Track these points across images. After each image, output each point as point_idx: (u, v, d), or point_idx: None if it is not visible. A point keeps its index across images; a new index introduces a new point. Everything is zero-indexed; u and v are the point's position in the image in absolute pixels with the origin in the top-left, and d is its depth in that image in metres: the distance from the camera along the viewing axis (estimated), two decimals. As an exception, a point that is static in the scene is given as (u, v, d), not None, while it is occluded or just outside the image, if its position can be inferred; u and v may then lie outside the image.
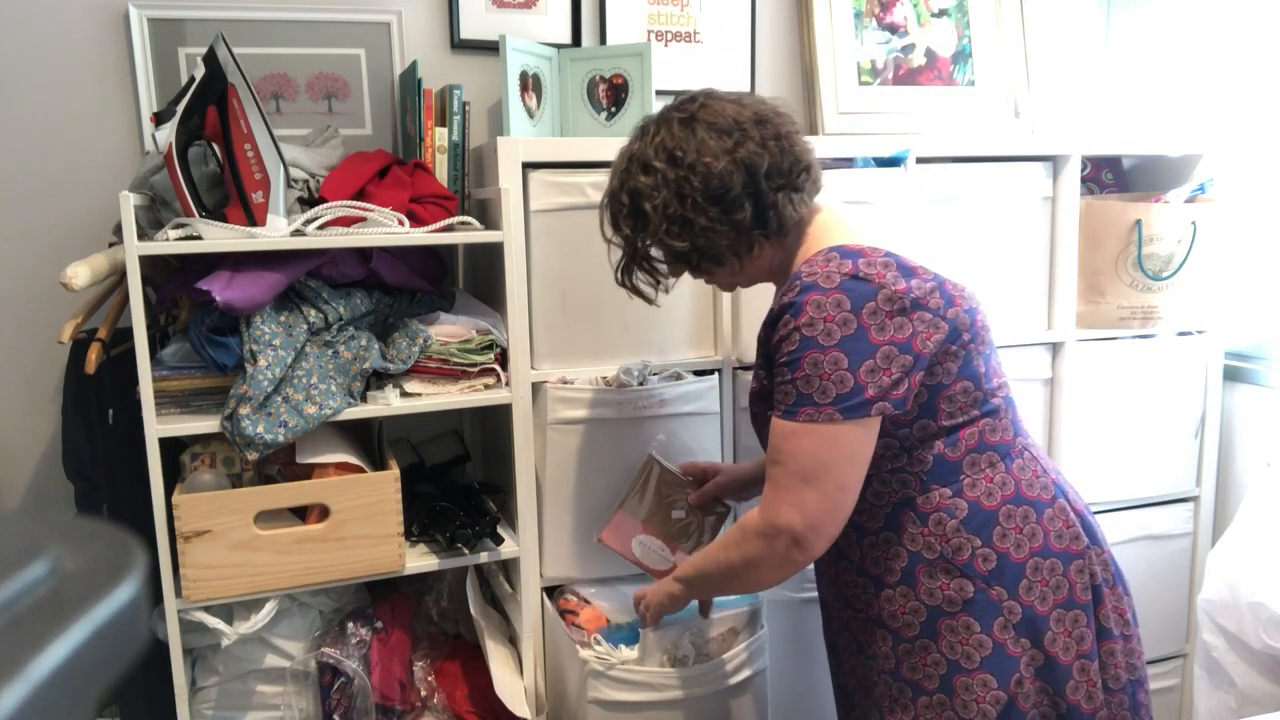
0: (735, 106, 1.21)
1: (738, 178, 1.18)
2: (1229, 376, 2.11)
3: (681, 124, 1.21)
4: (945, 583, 1.20)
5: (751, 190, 1.19)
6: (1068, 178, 1.93)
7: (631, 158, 1.25)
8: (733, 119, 1.20)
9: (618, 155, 1.29)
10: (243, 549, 1.49)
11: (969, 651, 1.20)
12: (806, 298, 1.13)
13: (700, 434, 1.72)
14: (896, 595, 1.24)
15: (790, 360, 1.14)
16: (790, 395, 1.14)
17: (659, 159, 1.21)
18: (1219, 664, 1.75)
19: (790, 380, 1.14)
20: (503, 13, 1.95)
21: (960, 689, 1.20)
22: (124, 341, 1.57)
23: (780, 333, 1.16)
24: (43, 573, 0.31)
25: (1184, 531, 2.11)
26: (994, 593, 1.19)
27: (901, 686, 1.24)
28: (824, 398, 1.11)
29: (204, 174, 1.52)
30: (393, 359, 1.58)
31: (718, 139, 1.19)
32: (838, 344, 1.11)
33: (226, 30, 1.63)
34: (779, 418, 1.16)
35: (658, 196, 1.20)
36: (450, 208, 1.68)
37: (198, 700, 1.60)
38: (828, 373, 1.11)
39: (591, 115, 1.87)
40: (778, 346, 1.16)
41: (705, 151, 1.18)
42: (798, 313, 1.13)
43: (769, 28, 2.12)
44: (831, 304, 1.12)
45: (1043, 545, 1.21)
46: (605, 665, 1.52)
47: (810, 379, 1.12)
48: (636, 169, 1.23)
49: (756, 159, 1.19)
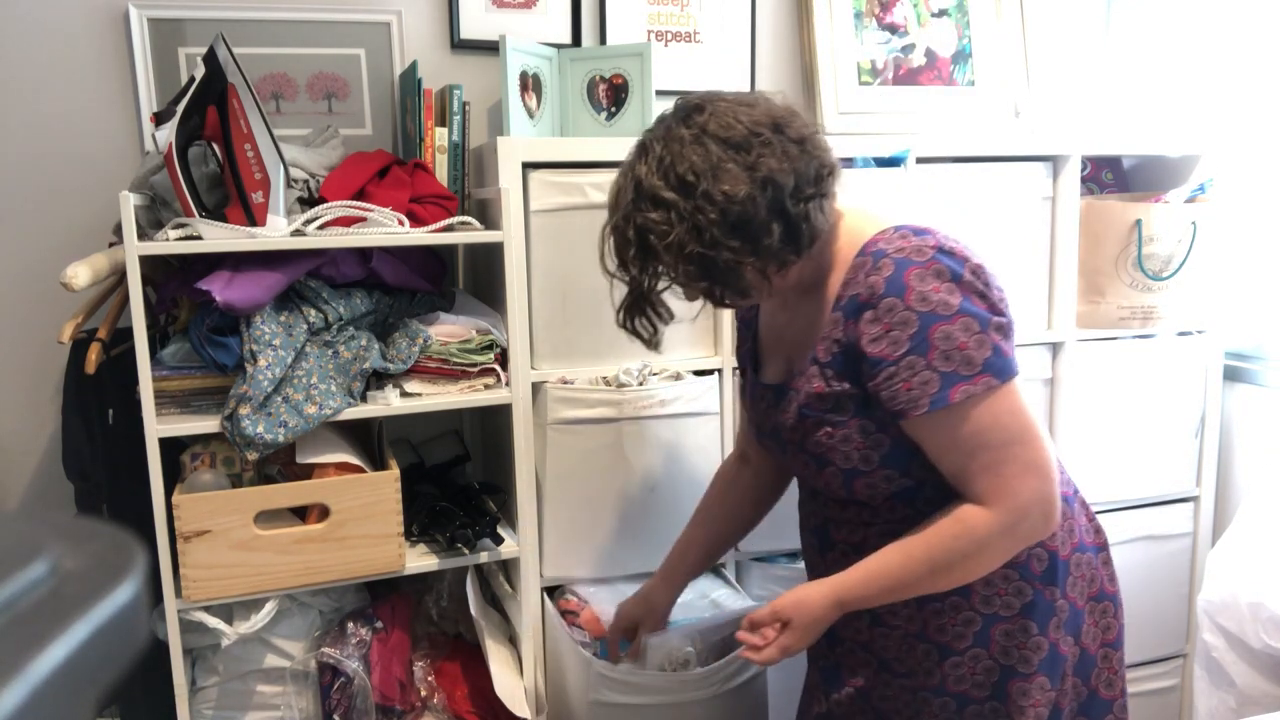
0: (747, 110, 1.06)
1: (761, 200, 1.03)
2: (1229, 376, 2.11)
3: (692, 141, 1.05)
4: (1003, 589, 1.15)
5: (779, 210, 1.05)
6: (1068, 178, 1.93)
7: (638, 187, 1.07)
8: (747, 128, 1.04)
9: (618, 176, 1.12)
10: (243, 549, 1.49)
11: (1026, 655, 1.15)
12: (907, 273, 1.03)
13: (700, 434, 1.72)
14: (946, 608, 1.16)
15: (916, 344, 1.02)
16: (932, 382, 1.02)
17: (669, 188, 1.04)
18: (1219, 664, 1.75)
19: (926, 365, 1.02)
20: (503, 13, 1.95)
21: (1016, 694, 1.15)
22: (124, 341, 1.57)
23: (887, 320, 1.04)
24: (43, 573, 0.31)
25: (1184, 531, 2.11)
26: (1049, 593, 1.16)
27: (946, 701, 1.18)
28: (971, 368, 1.02)
29: (204, 174, 1.52)
30: (393, 359, 1.58)
31: (735, 155, 1.03)
32: (959, 310, 1.02)
33: (226, 30, 1.63)
34: (927, 414, 1.03)
35: (670, 234, 1.04)
36: (450, 208, 1.68)
37: (198, 700, 1.60)
38: (963, 341, 1.02)
39: (591, 115, 1.87)
40: (887, 336, 1.04)
41: (722, 175, 1.03)
42: (903, 291, 1.03)
43: (769, 28, 2.12)
44: (933, 274, 1.03)
45: (1079, 540, 1.21)
46: (609, 669, 1.52)
47: (949, 354, 1.02)
48: (645, 203, 1.06)
49: (781, 174, 1.04)
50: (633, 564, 1.71)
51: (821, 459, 1.15)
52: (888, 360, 1.04)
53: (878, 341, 1.05)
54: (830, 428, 1.12)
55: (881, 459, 1.11)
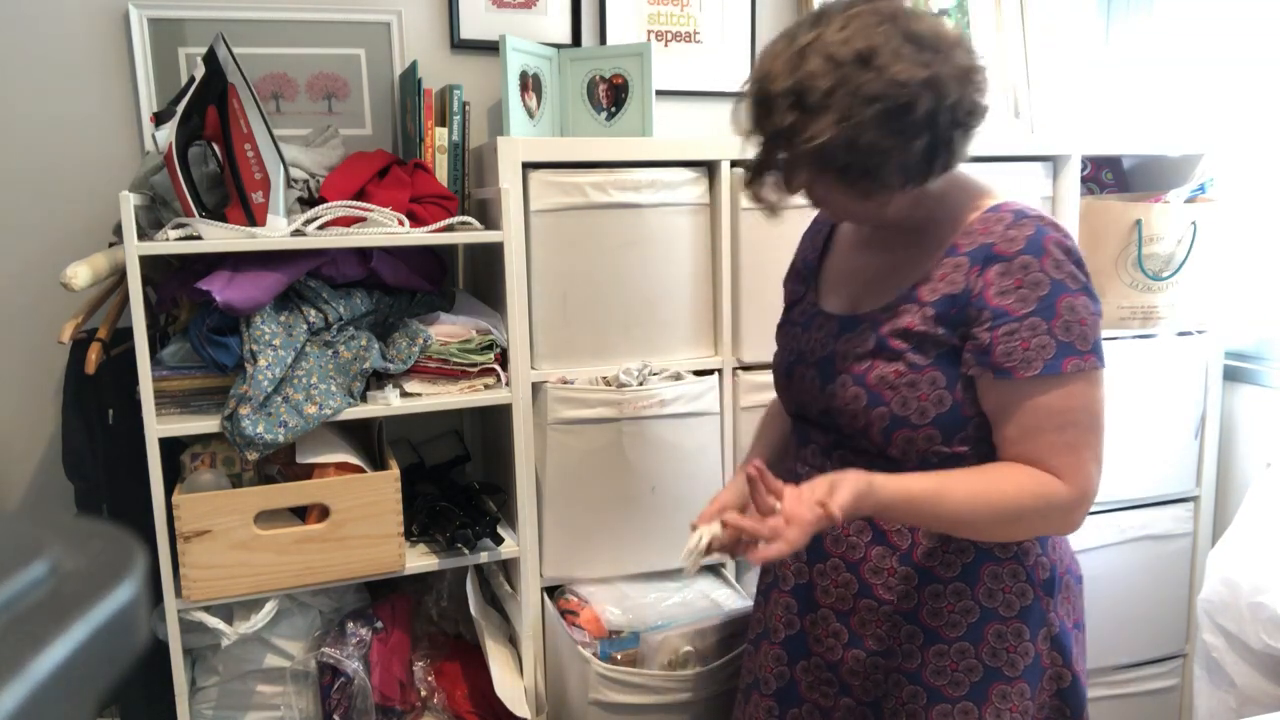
0: (935, 21, 1.07)
1: (925, 100, 1.01)
2: (1229, 376, 2.11)
3: (878, 22, 1.03)
4: (1009, 585, 1.14)
5: (932, 118, 1.03)
6: (1068, 178, 1.93)
7: (809, 45, 1.04)
8: (935, 33, 1.04)
9: (775, 41, 1.10)
10: (243, 549, 1.49)
11: (1014, 659, 1.14)
12: (1047, 239, 1.05)
13: (700, 434, 1.72)
14: (947, 592, 1.14)
15: (1043, 307, 1.04)
16: (1049, 347, 1.03)
17: (846, 55, 1.02)
18: (1219, 664, 1.75)
19: (1047, 329, 1.03)
20: (503, 13, 1.95)
21: (996, 698, 1.14)
22: (124, 341, 1.57)
23: (1019, 276, 1.04)
24: (43, 573, 0.31)
25: (1184, 531, 2.11)
26: (1044, 602, 1.16)
27: (916, 690, 1.15)
28: (1085, 345, 1.05)
29: (204, 174, 1.52)
30: (393, 359, 1.59)
31: (916, 50, 1.02)
32: (1083, 288, 1.05)
33: (226, 30, 1.63)
34: (1037, 376, 1.04)
35: (835, 94, 1.01)
36: (450, 208, 1.68)
37: (198, 700, 1.60)
38: (1085, 318, 1.04)
39: (591, 115, 1.87)
40: (1016, 291, 1.04)
41: (901, 59, 1.01)
42: (1041, 253, 1.05)
43: (769, 28, 2.12)
44: (1063, 250, 1.06)
45: (1068, 566, 1.21)
46: (609, 669, 1.52)
47: (1070, 325, 1.04)
48: (815, 58, 1.03)
49: (950, 83, 1.03)
50: (633, 564, 1.71)
51: (877, 396, 1.11)
52: (1012, 315, 1.05)
53: (1006, 294, 1.05)
54: (904, 366, 1.10)
55: (936, 418, 1.09)
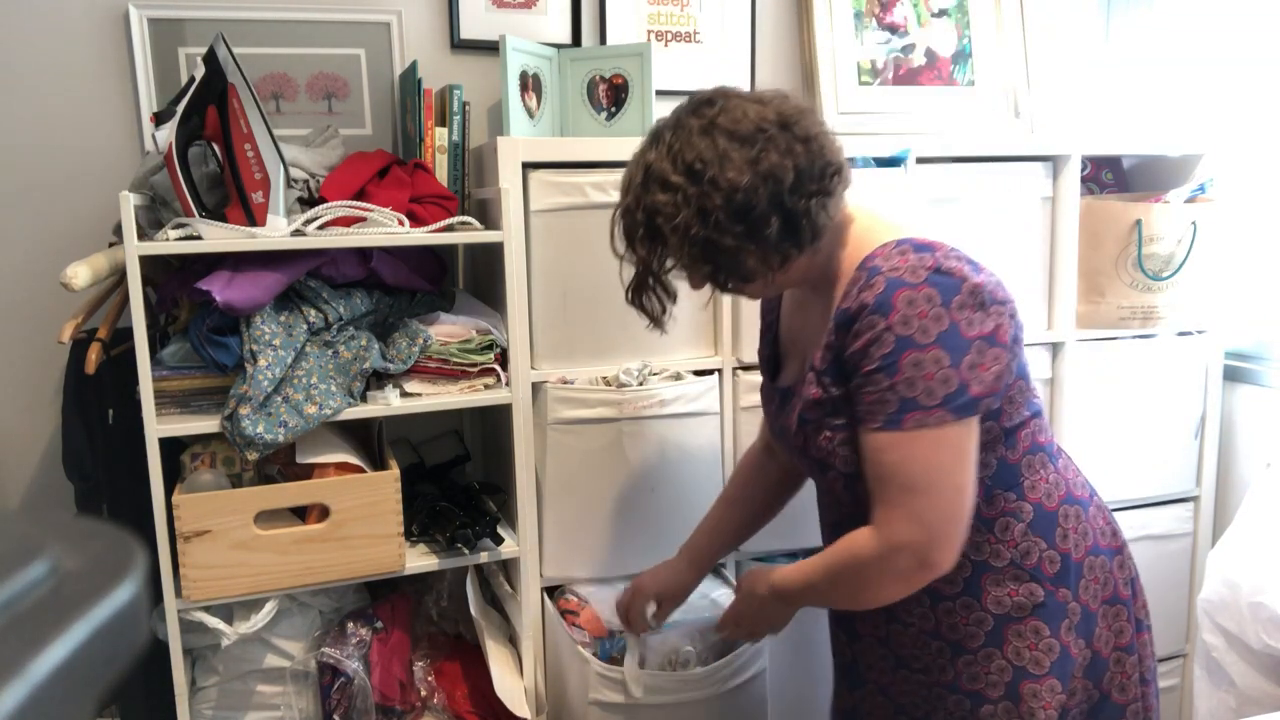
0: (757, 107, 1.10)
1: (763, 191, 1.07)
2: (1229, 376, 2.11)
3: (700, 131, 1.09)
4: (1014, 589, 1.17)
5: (778, 203, 1.08)
6: (1068, 178, 1.93)
7: (647, 170, 1.12)
8: (755, 124, 1.08)
9: (630, 163, 1.17)
10: (243, 549, 1.49)
11: (1038, 657, 1.17)
12: (896, 294, 1.05)
13: (700, 434, 1.72)
14: (958, 607, 1.18)
15: (886, 364, 1.05)
16: (891, 403, 1.05)
17: (677, 173, 1.09)
18: (1219, 664, 1.75)
19: (889, 386, 1.05)
20: (503, 13, 1.95)
21: (1028, 696, 1.17)
22: (124, 341, 1.57)
23: (867, 335, 1.07)
24: (43, 573, 0.31)
25: (1184, 531, 2.11)
26: (1060, 595, 1.17)
27: (960, 699, 1.20)
28: (931, 399, 1.04)
29: (204, 174, 1.52)
30: (393, 359, 1.58)
31: (740, 148, 1.07)
32: (936, 341, 1.04)
33: (226, 30, 1.62)
34: (877, 430, 1.07)
35: (678, 216, 1.08)
36: (450, 208, 1.68)
37: (198, 700, 1.60)
38: (931, 372, 1.04)
39: (591, 115, 1.87)
40: (864, 351, 1.07)
41: (728, 165, 1.06)
42: (888, 311, 1.05)
43: (769, 28, 2.12)
44: (923, 299, 1.04)
45: (1093, 543, 1.21)
46: (608, 669, 1.52)
47: (913, 381, 1.04)
48: (654, 185, 1.11)
49: (781, 169, 1.07)
50: (633, 564, 1.71)
51: (823, 463, 1.17)
52: (861, 371, 1.08)
53: (855, 353, 1.09)
54: (830, 432, 1.15)
55: None
